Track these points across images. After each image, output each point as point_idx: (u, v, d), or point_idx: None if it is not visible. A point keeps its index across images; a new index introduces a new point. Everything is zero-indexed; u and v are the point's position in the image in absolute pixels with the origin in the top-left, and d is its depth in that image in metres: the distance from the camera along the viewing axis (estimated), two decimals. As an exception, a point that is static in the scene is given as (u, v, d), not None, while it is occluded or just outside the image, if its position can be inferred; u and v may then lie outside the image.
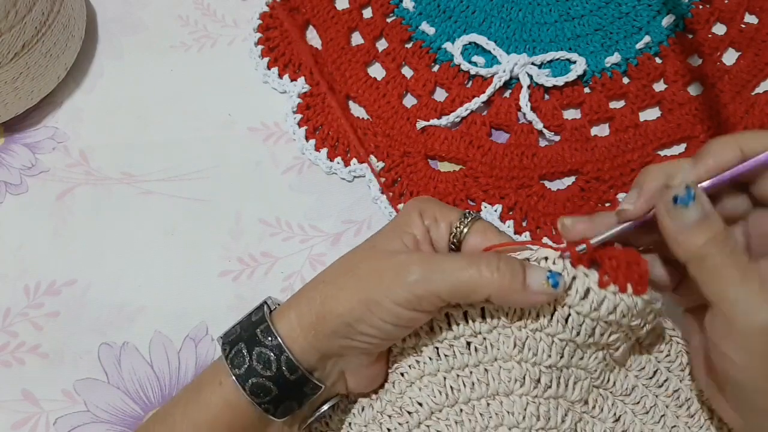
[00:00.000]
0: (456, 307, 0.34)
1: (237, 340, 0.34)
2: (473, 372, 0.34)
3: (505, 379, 0.34)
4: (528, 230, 0.47)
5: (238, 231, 0.49)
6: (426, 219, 0.35)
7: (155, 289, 0.47)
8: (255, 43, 0.56)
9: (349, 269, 0.34)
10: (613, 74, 0.53)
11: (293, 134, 0.52)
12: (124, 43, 0.58)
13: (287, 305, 0.35)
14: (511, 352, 0.34)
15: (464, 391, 0.34)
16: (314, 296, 0.34)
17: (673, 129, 0.50)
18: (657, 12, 0.55)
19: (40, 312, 0.47)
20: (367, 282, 0.32)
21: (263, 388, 0.33)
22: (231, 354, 0.34)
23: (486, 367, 0.34)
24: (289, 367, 0.33)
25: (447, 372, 0.34)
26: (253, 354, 0.33)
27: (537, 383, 0.33)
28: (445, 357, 0.34)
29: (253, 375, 0.33)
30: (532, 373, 0.33)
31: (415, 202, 0.36)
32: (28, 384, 0.45)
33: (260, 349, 0.33)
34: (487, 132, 0.51)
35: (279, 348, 0.33)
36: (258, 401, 0.33)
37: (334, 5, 0.57)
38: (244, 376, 0.33)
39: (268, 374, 0.33)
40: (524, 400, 0.33)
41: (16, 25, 0.50)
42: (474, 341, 0.34)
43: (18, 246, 0.49)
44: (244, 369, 0.33)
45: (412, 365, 0.35)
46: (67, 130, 0.54)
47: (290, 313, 0.34)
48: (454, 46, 0.54)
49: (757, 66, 0.52)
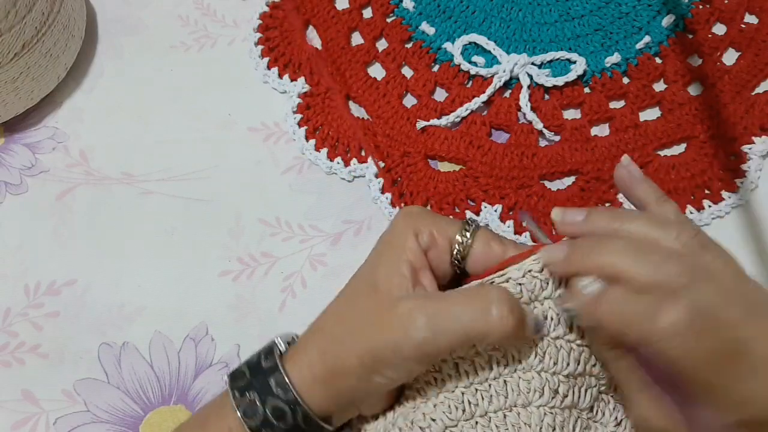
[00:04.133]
0: None
1: (248, 387, 0.33)
2: (492, 385, 0.33)
3: (525, 390, 0.33)
4: (528, 230, 0.47)
5: (238, 231, 0.49)
6: (422, 238, 0.33)
7: (155, 289, 0.47)
8: (255, 43, 0.56)
9: (355, 322, 0.32)
10: (613, 74, 0.53)
11: (293, 134, 0.52)
12: (124, 43, 0.58)
13: (299, 355, 0.33)
14: (532, 362, 0.33)
15: (482, 405, 0.33)
16: (326, 350, 0.32)
17: (673, 129, 0.50)
18: (657, 12, 0.55)
19: (40, 312, 0.47)
20: (374, 340, 0.31)
21: None
22: (243, 404, 0.32)
23: (506, 379, 0.33)
24: (305, 419, 0.32)
25: (466, 387, 0.33)
26: (267, 406, 0.32)
27: (555, 393, 0.33)
28: (465, 373, 0.33)
29: (268, 427, 0.32)
30: (551, 383, 0.33)
31: (407, 219, 0.34)
32: (28, 384, 0.45)
33: (275, 402, 0.32)
34: (487, 132, 0.51)
35: (294, 402, 0.32)
36: None
37: (334, 5, 0.57)
38: (257, 427, 0.32)
39: (283, 427, 0.32)
40: (542, 411, 0.33)
41: (16, 25, 0.50)
42: (495, 354, 0.33)
43: (18, 246, 0.49)
44: (257, 421, 0.32)
45: (429, 381, 0.34)
46: (67, 130, 0.54)
47: (302, 363, 0.33)
48: (454, 46, 0.54)
49: (757, 66, 0.52)
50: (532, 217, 0.36)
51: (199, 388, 0.44)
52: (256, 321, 0.46)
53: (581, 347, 0.33)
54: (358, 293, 0.34)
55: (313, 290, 0.46)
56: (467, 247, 0.33)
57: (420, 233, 0.33)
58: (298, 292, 0.47)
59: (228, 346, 0.45)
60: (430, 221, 0.34)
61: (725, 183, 0.48)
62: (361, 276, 0.34)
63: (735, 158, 0.49)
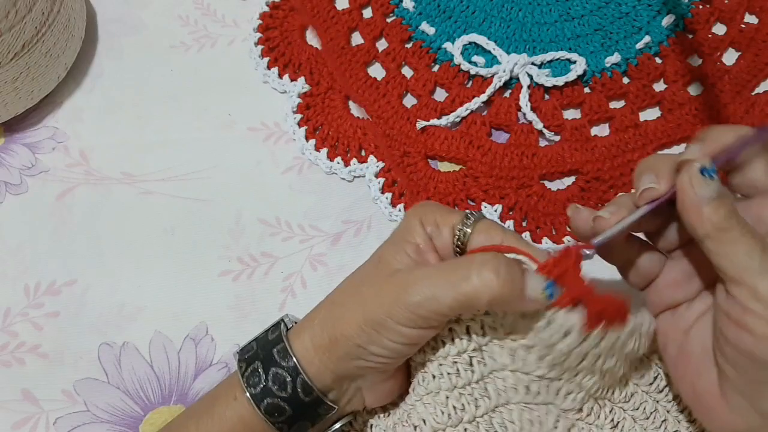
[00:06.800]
0: (458, 321, 0.34)
1: (253, 358, 0.34)
2: (475, 389, 0.34)
3: (502, 388, 0.34)
4: (528, 230, 0.47)
5: (238, 231, 0.49)
6: (427, 226, 0.34)
7: (155, 289, 0.47)
8: (255, 43, 0.56)
9: (355, 289, 0.34)
10: (613, 74, 0.53)
11: (293, 134, 0.52)
12: (124, 43, 0.58)
13: (303, 325, 0.34)
14: (505, 361, 0.33)
15: (469, 409, 0.33)
16: (326, 317, 0.34)
17: (673, 129, 0.50)
18: (657, 12, 0.55)
19: (40, 312, 0.47)
20: (370, 303, 0.32)
21: (278, 408, 0.33)
22: (247, 372, 0.34)
23: (486, 381, 0.34)
24: (304, 389, 0.33)
25: (449, 391, 0.34)
26: (269, 374, 0.33)
27: (528, 390, 0.34)
28: (447, 375, 0.34)
29: (269, 395, 0.33)
30: (523, 381, 0.33)
31: (415, 209, 0.36)
32: (28, 384, 0.45)
33: (276, 369, 0.33)
34: (487, 132, 0.51)
35: (295, 370, 0.33)
36: (272, 420, 0.33)
37: (334, 5, 0.57)
38: (259, 395, 0.33)
39: (283, 395, 0.33)
40: (520, 407, 0.33)
41: (16, 25, 0.50)
42: (476, 356, 0.34)
43: (18, 246, 0.49)
44: (259, 389, 0.33)
45: (419, 381, 0.35)
46: (67, 130, 0.54)
47: (305, 333, 0.34)
48: (454, 46, 0.54)
49: (757, 66, 0.52)
50: None
51: (199, 388, 0.44)
52: (256, 321, 0.46)
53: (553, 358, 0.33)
54: (364, 268, 0.35)
55: (313, 290, 0.46)
56: (468, 235, 0.34)
57: (425, 222, 0.35)
58: (298, 292, 0.47)
59: (228, 346, 0.45)
60: (435, 210, 0.35)
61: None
62: (372, 257, 0.35)
63: (735, 158, 0.49)
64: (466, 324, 0.34)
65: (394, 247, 0.34)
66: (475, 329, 0.33)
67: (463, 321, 0.34)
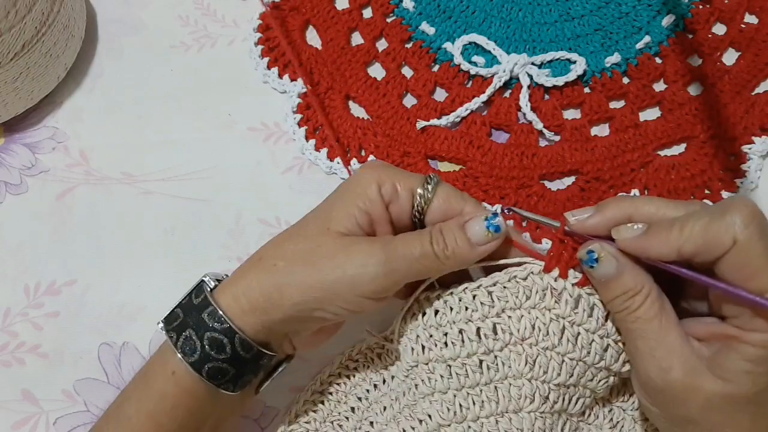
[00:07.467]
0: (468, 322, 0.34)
1: (183, 326, 0.34)
2: (483, 390, 0.34)
3: (515, 396, 0.33)
4: (528, 230, 0.47)
5: (238, 231, 0.49)
6: (385, 189, 0.34)
7: (155, 289, 0.47)
8: (255, 43, 0.56)
9: (307, 257, 0.33)
10: (613, 74, 0.53)
11: (293, 134, 0.52)
12: (124, 43, 0.58)
13: (234, 283, 0.34)
14: (522, 369, 0.33)
15: (473, 409, 0.34)
16: (266, 279, 0.33)
17: (673, 129, 0.50)
18: (657, 12, 0.55)
19: (40, 312, 0.47)
20: (328, 274, 0.32)
21: (220, 370, 0.33)
22: (180, 341, 0.33)
23: (496, 386, 0.34)
24: (243, 347, 0.33)
25: (458, 390, 0.34)
26: (204, 340, 0.33)
27: (546, 400, 0.33)
28: (456, 375, 0.34)
29: (208, 360, 0.33)
30: (541, 390, 0.33)
31: (371, 170, 0.35)
32: (28, 384, 0.45)
33: (211, 333, 0.33)
34: (487, 132, 0.51)
35: (230, 330, 0.33)
36: (217, 383, 0.33)
37: (334, 5, 0.57)
38: (198, 363, 0.33)
39: (222, 357, 0.33)
40: (532, 417, 0.33)
41: (16, 25, 0.50)
42: (486, 359, 0.34)
43: (18, 246, 0.49)
44: (197, 356, 0.33)
45: (424, 380, 0.35)
46: (67, 130, 0.54)
47: (236, 290, 0.34)
48: (454, 46, 0.54)
49: (757, 66, 0.52)
50: (513, 207, 0.37)
51: (199, 388, 0.44)
52: (256, 321, 0.46)
53: (574, 361, 0.33)
54: (309, 231, 0.34)
55: (313, 290, 0.46)
56: (428, 200, 0.34)
57: (383, 184, 0.34)
58: (298, 292, 0.47)
59: (228, 346, 0.45)
60: (393, 173, 0.35)
61: (725, 183, 0.48)
62: (314, 216, 0.35)
63: (735, 158, 0.49)
64: (477, 326, 0.34)
65: (344, 209, 0.34)
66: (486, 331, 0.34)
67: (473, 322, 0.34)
